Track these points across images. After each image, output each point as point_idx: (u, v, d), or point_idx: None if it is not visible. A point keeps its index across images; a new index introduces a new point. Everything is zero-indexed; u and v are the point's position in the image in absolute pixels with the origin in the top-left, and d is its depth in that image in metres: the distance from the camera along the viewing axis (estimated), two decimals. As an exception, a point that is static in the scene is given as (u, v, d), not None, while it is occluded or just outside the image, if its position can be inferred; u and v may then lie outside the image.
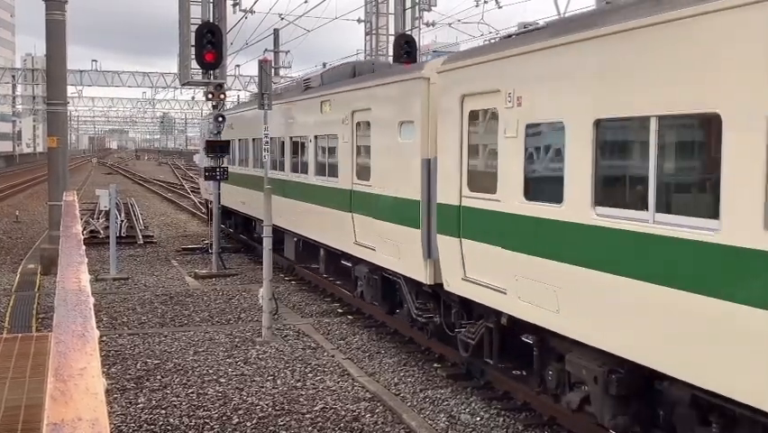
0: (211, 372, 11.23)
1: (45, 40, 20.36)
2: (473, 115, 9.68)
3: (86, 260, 4.90)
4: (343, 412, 9.58)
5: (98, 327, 3.07)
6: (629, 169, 7.05)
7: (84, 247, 5.50)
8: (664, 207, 6.62)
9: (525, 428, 9.14)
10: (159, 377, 10.98)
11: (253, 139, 20.69)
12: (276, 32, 35.85)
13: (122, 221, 27.01)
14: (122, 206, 30.88)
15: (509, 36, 9.39)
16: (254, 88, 34.56)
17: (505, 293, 8.86)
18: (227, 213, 24.00)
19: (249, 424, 9.19)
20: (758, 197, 5.65)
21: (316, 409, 9.69)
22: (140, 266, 20.92)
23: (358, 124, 13.35)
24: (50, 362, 2.49)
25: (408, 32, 24.68)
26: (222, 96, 20.74)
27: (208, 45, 19.36)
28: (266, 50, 35.21)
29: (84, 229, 21.46)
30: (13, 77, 73.39)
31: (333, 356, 12.06)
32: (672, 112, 6.44)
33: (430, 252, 10.75)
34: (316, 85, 16.30)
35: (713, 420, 6.42)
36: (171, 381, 10.81)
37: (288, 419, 9.35)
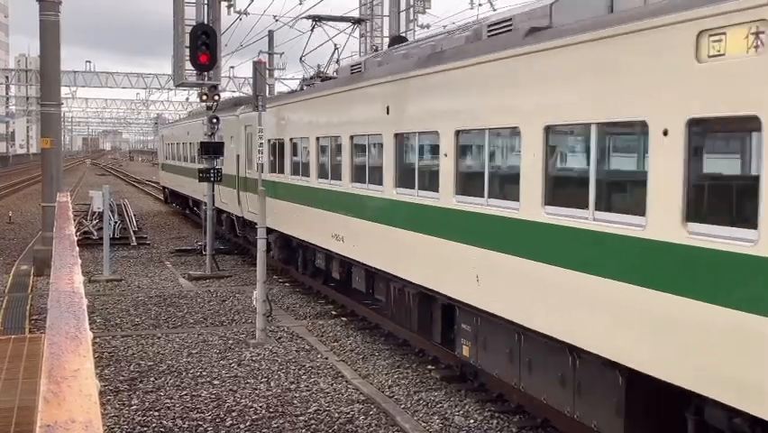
0: (204, 373, 11.22)
1: (39, 40, 20.32)
2: (249, 135, 19.82)
3: (80, 261, 4.89)
4: (337, 415, 9.57)
5: (91, 329, 3.06)
6: (281, 156, 17.50)
7: (77, 248, 5.49)
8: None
9: (518, 430, 9.14)
10: (152, 379, 10.96)
11: (182, 143, 32.07)
12: (270, 33, 35.85)
13: (115, 222, 26.94)
14: (115, 207, 30.78)
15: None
16: (248, 91, 34.84)
17: None
18: (173, 193, 36.01)
19: (242, 426, 9.17)
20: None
21: (310, 411, 9.69)
22: (133, 267, 20.88)
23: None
24: (43, 363, 2.48)
25: (403, 34, 24.72)
26: (216, 97, 20.76)
27: (203, 46, 19.37)
28: (260, 51, 35.15)
29: (77, 230, 21.38)
30: (7, 77, 73.18)
31: (326, 358, 12.05)
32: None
33: (240, 201, 21.02)
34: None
35: (310, 257, 16.65)
36: (165, 382, 10.79)
37: (281, 421, 9.34)
